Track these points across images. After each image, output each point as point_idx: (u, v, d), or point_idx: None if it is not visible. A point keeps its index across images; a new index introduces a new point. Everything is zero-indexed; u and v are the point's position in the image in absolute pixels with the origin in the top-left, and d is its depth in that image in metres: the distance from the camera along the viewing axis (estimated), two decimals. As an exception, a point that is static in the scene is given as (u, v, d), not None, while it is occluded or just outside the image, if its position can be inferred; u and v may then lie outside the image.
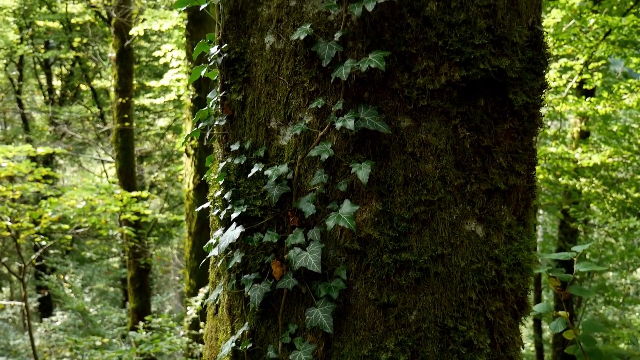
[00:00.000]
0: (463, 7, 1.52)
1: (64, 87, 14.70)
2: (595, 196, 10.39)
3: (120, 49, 10.18)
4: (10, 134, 15.23)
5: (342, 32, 1.52)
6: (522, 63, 1.61)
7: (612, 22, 7.25)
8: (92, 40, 12.71)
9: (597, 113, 8.87)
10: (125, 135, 10.60)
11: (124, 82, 10.34)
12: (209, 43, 1.84)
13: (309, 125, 1.59)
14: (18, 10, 12.98)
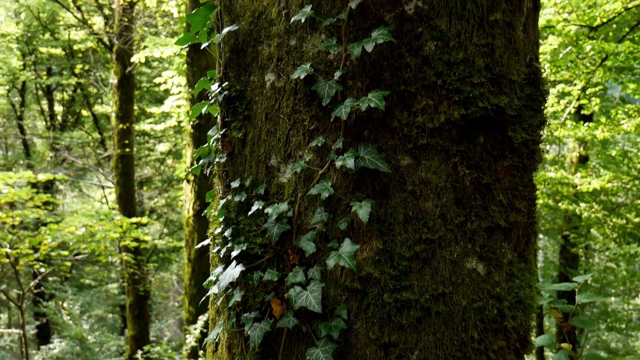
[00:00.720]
0: (461, 46, 1.53)
1: (65, 113, 14.79)
2: (596, 221, 10.37)
3: (121, 76, 10.26)
4: (12, 159, 15.27)
5: (342, 71, 1.53)
6: (521, 100, 1.62)
7: (608, 48, 7.32)
8: (93, 66, 12.81)
9: (595, 138, 8.91)
10: (125, 160, 10.63)
11: (125, 108, 10.40)
12: (210, 80, 1.85)
13: (309, 163, 1.59)
14: (21, 37, 13.13)
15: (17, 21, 13.10)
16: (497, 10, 1.57)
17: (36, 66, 13.72)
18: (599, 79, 8.02)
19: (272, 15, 1.62)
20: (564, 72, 8.25)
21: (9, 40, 12.75)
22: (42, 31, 13.02)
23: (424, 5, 1.52)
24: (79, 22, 12.21)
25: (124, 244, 9.49)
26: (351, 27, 1.53)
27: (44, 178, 8.52)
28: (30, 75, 12.99)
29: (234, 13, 1.70)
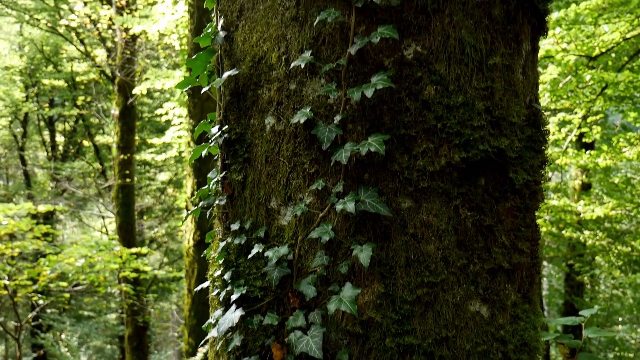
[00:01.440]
0: (461, 90, 1.54)
1: (66, 144, 14.86)
2: (600, 249, 10.31)
3: (123, 107, 10.34)
4: (12, 189, 15.28)
5: (342, 116, 1.53)
6: (522, 142, 1.62)
7: (608, 78, 7.37)
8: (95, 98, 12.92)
9: (597, 166, 8.91)
10: (126, 191, 10.64)
11: (126, 139, 10.46)
12: (210, 122, 1.85)
13: (309, 206, 1.58)
14: (25, 69, 13.27)
15: (21, 54, 13.26)
16: (496, 54, 1.58)
17: (39, 98, 13.84)
18: (599, 108, 8.06)
19: (272, 60, 1.63)
20: (564, 101, 8.30)
21: (12, 72, 12.88)
22: (45, 64, 13.16)
23: (423, 50, 1.53)
24: (82, 55, 12.35)
25: (124, 274, 9.43)
26: (350, 71, 1.54)
27: (44, 209, 8.52)
28: (33, 107, 13.09)
29: (234, 57, 1.71)
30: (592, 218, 9.26)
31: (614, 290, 12.17)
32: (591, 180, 10.95)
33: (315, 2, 1.57)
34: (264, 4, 1.65)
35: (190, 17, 8.55)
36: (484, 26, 1.58)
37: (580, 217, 9.54)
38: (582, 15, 7.18)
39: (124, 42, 10.03)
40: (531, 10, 1.66)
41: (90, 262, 9.01)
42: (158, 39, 9.91)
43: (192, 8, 8.41)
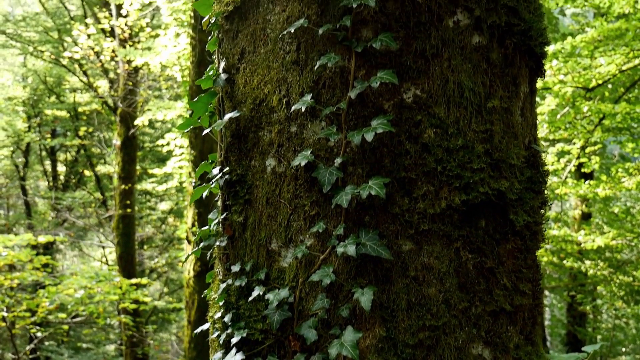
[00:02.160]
0: (460, 132, 1.55)
1: (68, 173, 14.90)
2: (602, 279, 10.25)
3: (124, 137, 10.40)
4: (13, 219, 15.26)
5: (342, 158, 1.54)
6: (522, 184, 1.63)
7: (605, 109, 7.43)
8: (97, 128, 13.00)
9: (597, 195, 8.91)
10: (126, 221, 10.63)
11: (127, 169, 10.49)
12: (211, 163, 1.87)
13: (310, 248, 1.58)
14: (28, 100, 13.39)
15: (25, 85, 13.40)
16: (494, 97, 1.60)
17: (41, 128, 13.94)
18: (597, 139, 8.10)
19: (273, 103, 1.65)
20: (562, 132, 8.35)
21: (15, 103, 13.00)
22: (48, 94, 13.28)
23: (422, 93, 1.55)
24: (85, 86, 12.47)
25: (123, 306, 9.35)
26: (351, 115, 1.56)
27: (44, 240, 8.49)
28: (35, 137, 13.17)
29: (236, 99, 1.73)
30: (592, 248, 9.23)
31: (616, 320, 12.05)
32: (591, 210, 10.95)
33: (315, 47, 1.60)
34: (265, 48, 1.68)
35: (192, 50, 8.67)
36: (482, 70, 1.60)
37: (581, 247, 9.51)
38: (579, 48, 7.28)
39: (126, 74, 10.14)
40: (528, 53, 1.69)
41: (89, 293, 8.95)
42: (160, 71, 10.03)
43: (194, 41, 8.53)
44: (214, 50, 1.83)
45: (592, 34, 7.59)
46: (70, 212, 13.40)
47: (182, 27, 8.98)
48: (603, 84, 7.96)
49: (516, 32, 1.64)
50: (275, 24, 1.65)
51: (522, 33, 1.65)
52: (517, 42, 1.65)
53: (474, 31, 1.59)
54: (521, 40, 1.65)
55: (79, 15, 12.90)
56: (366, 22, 1.56)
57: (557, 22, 11.89)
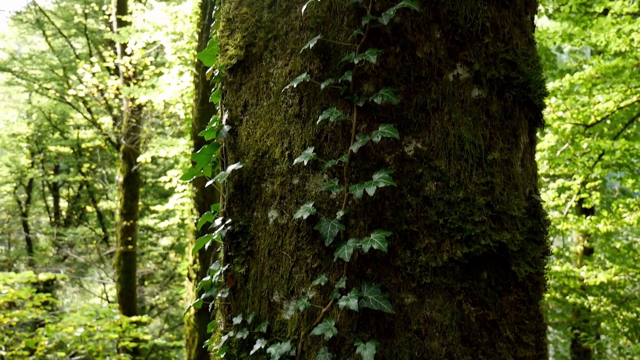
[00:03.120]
0: (461, 185, 1.57)
1: (70, 209, 14.92)
2: (605, 315, 10.13)
3: (127, 174, 10.45)
4: (14, 255, 15.21)
5: (344, 211, 1.55)
6: (523, 235, 1.63)
7: (604, 145, 7.47)
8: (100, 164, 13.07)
9: (598, 231, 8.88)
10: (128, 257, 10.59)
11: (129, 205, 10.51)
12: (214, 213, 1.88)
13: (312, 301, 1.58)
14: (32, 136, 13.50)
15: (29, 121, 13.53)
16: (494, 150, 1.62)
17: (44, 164, 14.01)
18: (597, 175, 8.13)
19: (276, 155, 1.66)
20: (562, 167, 8.37)
21: (19, 139, 13.10)
22: (52, 131, 13.40)
23: (423, 146, 1.57)
24: (89, 122, 12.59)
25: (123, 344, 9.24)
26: (352, 168, 1.57)
27: (45, 278, 8.45)
28: (38, 173, 13.23)
29: (238, 151, 1.75)
30: (595, 284, 9.16)
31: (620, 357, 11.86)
32: (593, 245, 10.89)
33: (317, 100, 1.62)
34: (267, 101, 1.70)
35: (195, 88, 8.78)
36: (482, 122, 1.62)
37: (584, 282, 9.43)
38: (577, 86, 7.36)
39: (130, 111, 10.25)
40: (528, 105, 1.71)
41: (89, 331, 8.86)
42: (163, 108, 10.14)
43: (197, 79, 8.65)
44: (218, 101, 1.86)
45: (590, 72, 7.69)
46: (72, 248, 13.36)
47: (185, 66, 9.11)
48: (602, 120, 8.02)
49: (515, 85, 1.66)
50: (278, 77, 1.68)
51: (521, 86, 1.67)
52: (517, 95, 1.67)
53: (473, 84, 1.62)
54: (520, 93, 1.68)
55: (84, 54, 13.10)
56: (367, 76, 1.59)
57: (554, 58, 12.04)
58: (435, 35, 1.59)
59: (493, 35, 1.64)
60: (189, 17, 8.85)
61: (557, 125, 7.81)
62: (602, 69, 7.60)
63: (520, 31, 1.71)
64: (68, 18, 12.20)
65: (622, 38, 7.30)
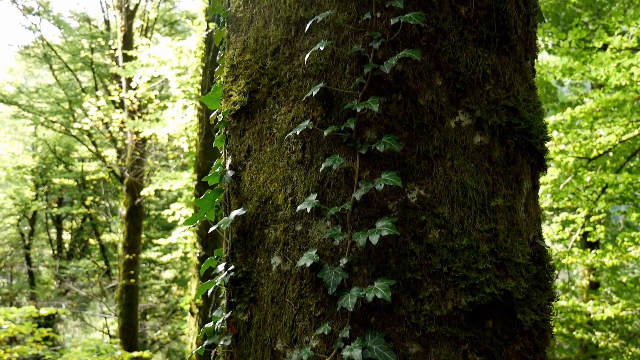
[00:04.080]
0: (465, 232, 1.56)
1: (73, 242, 14.90)
2: (613, 350, 9.97)
3: (130, 207, 10.46)
4: (15, 288, 15.13)
5: (348, 259, 1.54)
6: (528, 282, 1.61)
7: (607, 179, 7.47)
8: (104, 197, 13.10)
9: (604, 265, 8.81)
10: (130, 291, 10.52)
11: (132, 239, 10.49)
12: (217, 258, 1.87)
13: (315, 350, 1.55)
14: (37, 168, 13.57)
15: (34, 154, 13.62)
16: (497, 196, 1.61)
17: (48, 196, 14.06)
18: (601, 209, 8.10)
19: (279, 201, 1.66)
20: (566, 201, 8.35)
21: (24, 172, 13.17)
22: (56, 163, 13.48)
23: (426, 193, 1.57)
24: (93, 155, 12.67)
25: (124, 380, 9.11)
26: (355, 215, 1.57)
27: (46, 313, 8.39)
28: (42, 205, 13.26)
29: (242, 196, 1.75)
30: (602, 319, 9.04)
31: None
32: (599, 279, 10.78)
33: (320, 147, 1.63)
34: (271, 146, 1.71)
35: (199, 121, 8.85)
36: (484, 169, 1.62)
37: (591, 317, 9.31)
38: (578, 120, 7.39)
39: (134, 144, 10.31)
40: (530, 150, 1.72)
41: (89, 367, 8.75)
42: (167, 141, 10.21)
43: (202, 113, 8.72)
44: (221, 146, 1.87)
45: (591, 105, 7.73)
46: (74, 281, 13.29)
47: (189, 99, 9.20)
48: (604, 154, 8.03)
49: (517, 131, 1.67)
50: (281, 123, 1.69)
51: (523, 132, 1.68)
52: (519, 141, 1.68)
53: (475, 131, 1.63)
54: (522, 139, 1.68)
55: (90, 87, 13.26)
56: (370, 123, 1.60)
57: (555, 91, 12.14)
58: (436, 83, 1.60)
59: (494, 82, 1.65)
60: (193, 52, 8.98)
61: (560, 158, 7.82)
62: (603, 103, 7.64)
63: (521, 77, 1.73)
64: (75, 52, 12.39)
65: (622, 72, 7.36)
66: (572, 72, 7.23)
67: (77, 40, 12.40)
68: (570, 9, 9.93)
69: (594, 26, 8.80)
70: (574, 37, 6.92)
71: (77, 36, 12.47)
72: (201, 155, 8.39)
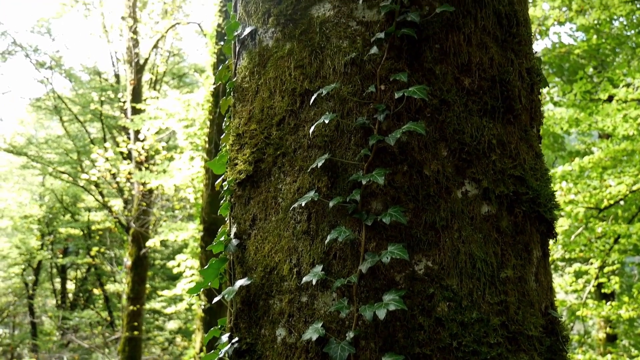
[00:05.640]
0: (475, 305, 1.52)
1: (77, 292, 14.79)
2: (633, 405, 9.62)
3: (135, 257, 10.41)
4: (17, 338, 14.94)
5: (354, 332, 1.50)
6: (541, 355, 1.57)
7: (619, 230, 7.38)
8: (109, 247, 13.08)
9: (620, 317, 8.61)
10: (133, 343, 10.35)
11: (136, 290, 10.40)
12: (220, 328, 1.83)
13: None
14: (43, 218, 13.61)
15: (41, 204, 13.68)
16: (507, 267, 1.58)
17: (54, 246, 14.04)
18: (614, 260, 7.98)
19: (284, 272, 1.64)
20: (578, 252, 8.24)
21: (30, 221, 13.20)
22: (63, 213, 13.52)
23: (434, 265, 1.54)
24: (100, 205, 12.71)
25: None
26: (362, 287, 1.54)
27: (48, 367, 8.24)
28: (47, 255, 13.23)
29: (246, 265, 1.73)
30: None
31: None
32: (616, 332, 10.52)
33: (326, 218, 1.61)
34: (276, 216, 1.70)
35: (205, 172, 8.89)
36: (493, 239, 1.60)
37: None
38: (587, 171, 7.37)
39: (140, 195, 10.35)
40: (539, 219, 1.69)
41: None
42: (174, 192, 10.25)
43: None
44: (226, 214, 1.86)
45: (600, 155, 7.73)
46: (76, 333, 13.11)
47: (196, 151, 9.28)
48: (615, 204, 7.97)
49: (525, 200, 1.65)
50: (287, 193, 1.69)
51: (531, 201, 1.66)
52: (527, 210, 1.66)
53: (482, 201, 1.61)
54: (530, 208, 1.66)
55: (99, 138, 13.44)
56: (375, 194, 1.58)
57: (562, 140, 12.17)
58: (442, 153, 1.60)
59: (500, 151, 1.65)
60: (200, 105, 9.11)
61: (570, 209, 7.76)
62: (611, 153, 7.64)
63: (527, 146, 1.73)
64: (85, 104, 12.62)
65: (629, 122, 7.39)
66: (578, 123, 7.27)
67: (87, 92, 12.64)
68: (574, 59, 10.07)
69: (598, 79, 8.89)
70: (579, 89, 6.98)
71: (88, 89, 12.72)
72: (207, 206, 8.39)
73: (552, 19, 8.01)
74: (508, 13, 1.77)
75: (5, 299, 14.84)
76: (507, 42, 1.75)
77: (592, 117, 7.29)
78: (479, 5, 1.72)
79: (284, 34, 1.78)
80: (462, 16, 1.69)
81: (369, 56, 1.65)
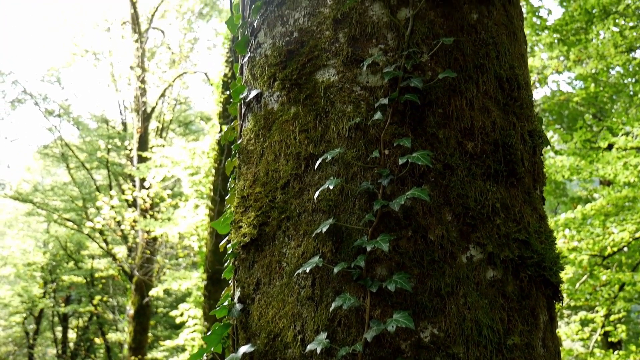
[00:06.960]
0: (482, 374, 1.49)
1: (78, 341, 14.57)
2: None
3: (138, 306, 10.31)
4: (16, 390, 14.62)
5: (360, 403, 1.47)
6: None
7: (624, 278, 7.30)
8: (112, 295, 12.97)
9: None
10: (134, 395, 10.13)
11: (138, 339, 10.25)
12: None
13: None
14: (46, 265, 13.54)
15: (45, 251, 13.65)
16: (514, 334, 1.56)
17: (56, 294, 13.93)
18: (620, 308, 7.87)
19: (288, 339, 1.62)
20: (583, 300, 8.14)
21: (33, 269, 13.14)
22: (66, 260, 13.47)
23: (440, 332, 1.52)
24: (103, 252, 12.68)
25: None
26: (367, 355, 1.52)
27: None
28: (49, 303, 13.12)
29: (250, 331, 1.71)
30: None
31: None
32: (627, 382, 10.25)
33: (330, 283, 1.61)
34: (280, 281, 1.69)
35: (210, 221, 8.88)
36: (499, 305, 1.58)
37: None
38: (590, 218, 7.35)
39: (145, 242, 10.33)
40: (544, 283, 1.68)
41: None
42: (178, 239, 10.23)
43: (213, 212, 8.78)
44: (230, 277, 1.85)
45: (601, 202, 7.72)
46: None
47: (201, 199, 9.30)
48: (618, 251, 7.92)
49: (530, 264, 1.65)
50: (291, 257, 1.68)
51: (536, 264, 1.65)
52: (532, 274, 1.65)
53: (487, 266, 1.60)
54: (536, 272, 1.65)
55: (104, 185, 13.50)
56: (380, 260, 1.58)
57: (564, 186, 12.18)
58: (446, 218, 1.60)
59: (504, 215, 1.65)
60: (206, 153, 9.19)
61: (573, 256, 7.71)
62: (613, 200, 7.64)
63: (530, 208, 1.73)
64: (92, 152, 12.74)
65: (629, 170, 7.41)
66: (579, 171, 7.29)
67: (94, 140, 12.79)
68: (573, 107, 10.18)
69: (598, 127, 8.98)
70: (579, 138, 7.04)
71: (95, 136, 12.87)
72: (211, 255, 8.35)
73: (550, 68, 8.14)
74: (509, 77, 1.80)
75: (6, 348, 14.61)
76: (509, 106, 1.78)
77: (593, 165, 7.32)
78: (481, 71, 1.75)
79: (289, 97, 1.81)
80: (464, 81, 1.72)
81: (372, 121, 1.67)
